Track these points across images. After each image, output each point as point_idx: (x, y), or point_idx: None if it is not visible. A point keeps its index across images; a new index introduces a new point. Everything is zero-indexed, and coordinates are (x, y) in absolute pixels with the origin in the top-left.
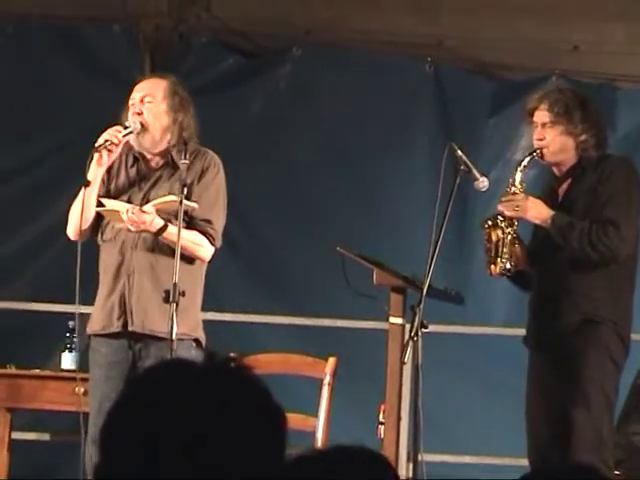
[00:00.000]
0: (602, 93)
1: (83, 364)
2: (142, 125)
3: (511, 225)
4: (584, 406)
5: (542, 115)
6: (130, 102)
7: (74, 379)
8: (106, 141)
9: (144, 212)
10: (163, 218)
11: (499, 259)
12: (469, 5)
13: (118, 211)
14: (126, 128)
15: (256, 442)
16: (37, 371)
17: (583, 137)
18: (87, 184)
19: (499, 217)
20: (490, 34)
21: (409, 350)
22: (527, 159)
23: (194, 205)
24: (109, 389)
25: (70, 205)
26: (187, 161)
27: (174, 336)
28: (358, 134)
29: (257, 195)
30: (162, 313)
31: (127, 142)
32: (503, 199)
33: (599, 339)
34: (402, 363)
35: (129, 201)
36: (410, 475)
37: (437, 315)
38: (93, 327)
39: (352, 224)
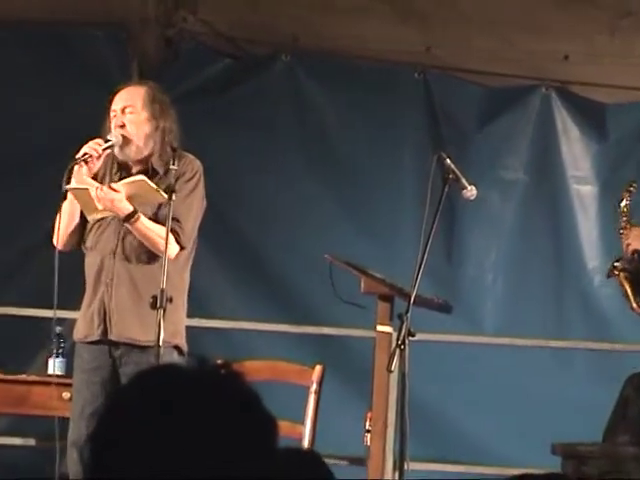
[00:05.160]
0: (592, 102)
1: (70, 369)
2: (125, 137)
3: (631, 261)
4: None
5: None
6: (111, 114)
7: (60, 384)
8: (85, 154)
9: (113, 190)
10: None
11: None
12: (459, 14)
13: (87, 189)
14: (107, 141)
15: (247, 448)
16: (23, 376)
17: None
18: (65, 196)
19: (618, 263)
20: (480, 43)
21: (396, 358)
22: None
23: (165, 197)
24: (91, 394)
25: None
26: (176, 167)
27: (161, 342)
28: (346, 141)
29: (245, 201)
30: (140, 321)
31: (112, 152)
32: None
33: None
34: (389, 371)
35: None
36: None
37: (428, 324)
38: (77, 335)
39: (340, 231)
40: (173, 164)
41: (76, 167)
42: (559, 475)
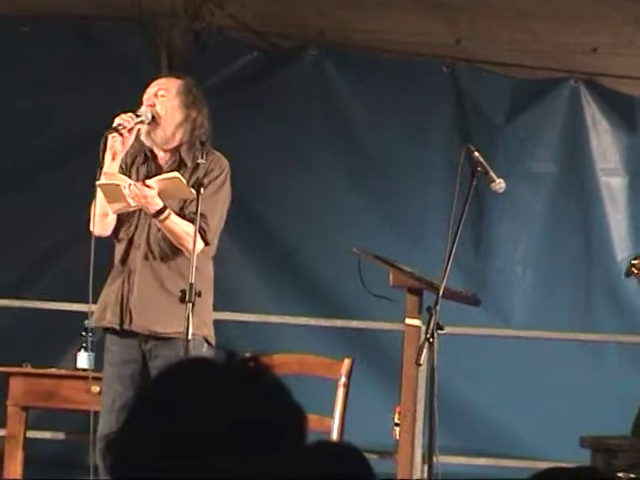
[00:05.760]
0: (621, 94)
1: (99, 363)
2: (154, 117)
3: None
4: None
5: None
6: (144, 97)
7: (89, 378)
8: (119, 125)
9: (147, 186)
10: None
11: None
12: (487, 6)
13: (119, 185)
14: (138, 116)
15: (277, 441)
16: (53, 370)
17: None
18: (101, 166)
19: (636, 260)
20: (508, 35)
21: (425, 351)
22: None
23: (194, 193)
24: (121, 387)
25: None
26: (204, 161)
27: (190, 335)
28: (374, 134)
29: (272, 194)
30: (162, 313)
31: (140, 140)
32: None
33: None
34: (418, 364)
35: None
36: (425, 477)
37: (456, 317)
38: (93, 320)
39: (368, 224)
40: (202, 158)
41: (109, 136)
42: (589, 468)
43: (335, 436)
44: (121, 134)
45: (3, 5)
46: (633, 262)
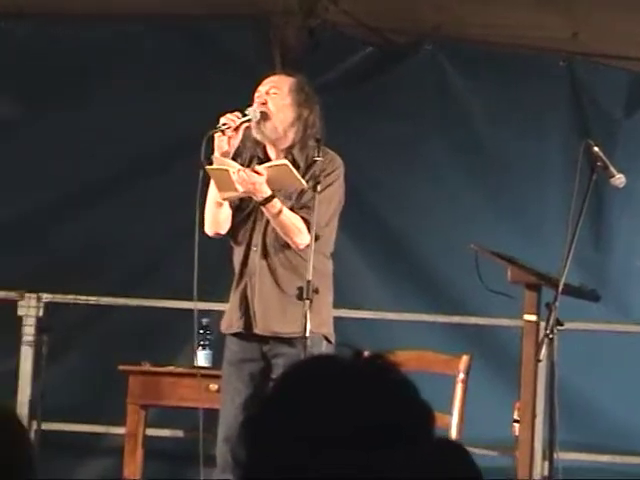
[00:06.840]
0: None
1: (217, 361)
2: (263, 113)
3: None
4: None
5: None
6: (256, 94)
7: (207, 376)
8: (223, 124)
9: (256, 172)
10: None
11: None
12: None
13: (227, 170)
14: (244, 115)
15: (405, 439)
16: (171, 368)
17: None
18: (205, 163)
19: None
20: (624, 28)
21: (544, 347)
22: None
23: (304, 184)
24: (241, 385)
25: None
26: (321, 158)
27: (308, 333)
28: (490, 129)
29: (388, 191)
30: (283, 313)
31: (253, 143)
32: None
33: None
34: (537, 361)
35: (252, 204)
36: (546, 474)
37: (575, 312)
38: (222, 326)
39: (485, 220)
40: (318, 155)
41: (216, 136)
42: None
43: (454, 433)
44: (223, 132)
45: (116, 5)
46: None
